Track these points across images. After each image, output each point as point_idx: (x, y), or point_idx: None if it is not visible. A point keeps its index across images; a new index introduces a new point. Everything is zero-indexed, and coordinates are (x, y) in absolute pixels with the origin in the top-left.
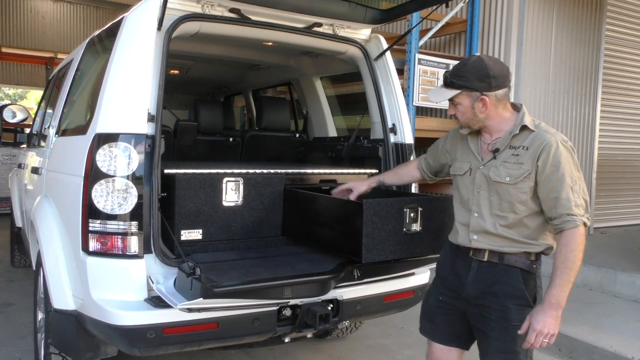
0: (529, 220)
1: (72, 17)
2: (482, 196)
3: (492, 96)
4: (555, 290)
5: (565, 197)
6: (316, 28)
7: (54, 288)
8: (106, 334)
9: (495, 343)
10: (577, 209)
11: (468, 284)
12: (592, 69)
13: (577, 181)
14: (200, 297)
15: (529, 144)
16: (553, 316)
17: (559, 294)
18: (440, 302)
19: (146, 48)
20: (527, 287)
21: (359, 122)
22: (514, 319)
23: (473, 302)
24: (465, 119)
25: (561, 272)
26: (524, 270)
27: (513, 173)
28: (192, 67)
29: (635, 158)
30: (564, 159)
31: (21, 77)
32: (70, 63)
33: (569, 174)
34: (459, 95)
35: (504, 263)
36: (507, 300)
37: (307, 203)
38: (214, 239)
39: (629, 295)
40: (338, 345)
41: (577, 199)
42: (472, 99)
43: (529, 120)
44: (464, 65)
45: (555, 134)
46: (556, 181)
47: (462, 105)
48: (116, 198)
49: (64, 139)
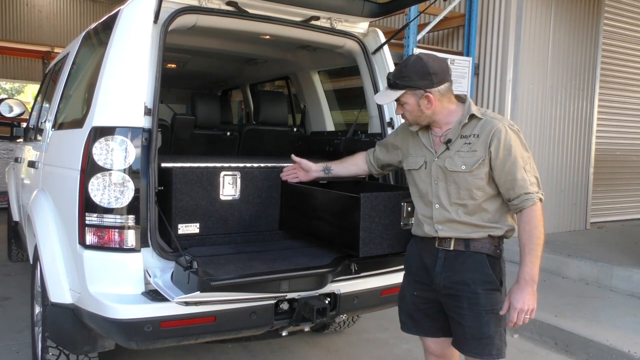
0: (488, 204)
1: (69, 11)
2: (440, 187)
3: (436, 92)
4: (528, 268)
5: (520, 177)
6: (314, 21)
7: (51, 282)
8: (103, 327)
9: (469, 330)
10: (532, 186)
11: (436, 274)
12: (590, 64)
13: (528, 161)
14: (198, 290)
15: (479, 132)
16: (530, 292)
17: (531, 271)
18: (416, 297)
19: (142, 41)
20: (494, 272)
21: (357, 116)
22: (485, 304)
23: (444, 292)
24: (413, 117)
25: (530, 249)
26: (490, 255)
27: (468, 161)
28: (189, 61)
29: (632, 153)
30: (514, 142)
31: (18, 71)
32: (67, 57)
33: (520, 156)
34: (404, 95)
35: (470, 250)
36: (477, 286)
37: (304, 197)
38: (211, 232)
39: (625, 289)
40: (335, 339)
41: (530, 178)
42: (416, 97)
43: (476, 109)
44: (404, 66)
45: (502, 119)
46: (511, 164)
47: (409, 104)
48: (113, 192)
49: (61, 132)
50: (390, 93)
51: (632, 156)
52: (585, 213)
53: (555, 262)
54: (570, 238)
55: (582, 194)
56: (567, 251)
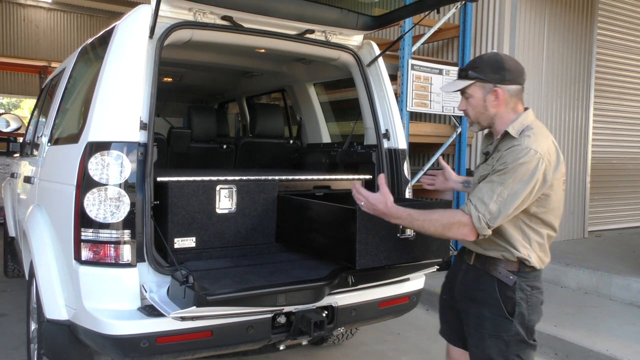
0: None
1: (66, 26)
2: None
3: (505, 90)
4: (400, 213)
5: (481, 186)
6: (308, 35)
7: (47, 298)
8: (99, 343)
9: (473, 350)
10: (477, 202)
11: (457, 284)
12: (584, 74)
13: (506, 189)
14: (194, 305)
15: (505, 148)
16: (381, 209)
17: (396, 215)
18: (444, 300)
19: (138, 56)
20: (502, 298)
21: (353, 128)
22: (489, 328)
23: (459, 305)
24: (475, 112)
25: (417, 217)
26: (500, 280)
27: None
28: (186, 75)
29: (628, 161)
30: (510, 160)
31: (15, 86)
32: (63, 72)
33: (502, 175)
34: (471, 87)
35: (484, 269)
36: (483, 308)
37: (300, 209)
38: (207, 246)
39: (625, 298)
40: (334, 352)
41: (484, 196)
42: (484, 91)
43: (516, 127)
44: (479, 58)
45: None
46: (490, 172)
47: (474, 97)
48: (109, 207)
49: (56, 147)
50: (458, 82)
51: (629, 164)
52: (583, 222)
53: (554, 272)
54: (568, 247)
55: (580, 203)
56: (565, 260)
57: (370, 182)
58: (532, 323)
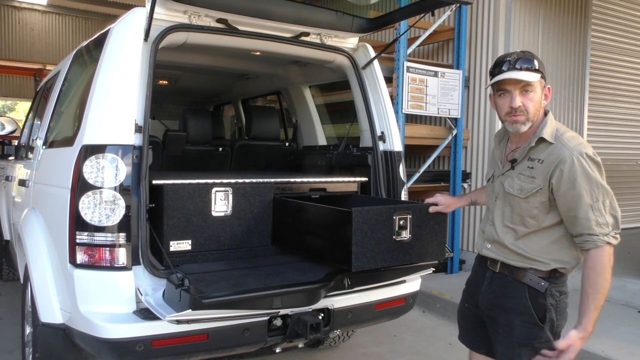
0: (539, 236)
1: (61, 29)
2: (497, 205)
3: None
4: (585, 318)
5: (583, 216)
6: (304, 37)
7: (42, 301)
8: (94, 347)
9: (501, 357)
10: (599, 227)
11: (482, 293)
12: (578, 76)
13: (600, 197)
14: (189, 308)
15: (545, 157)
16: (579, 339)
17: (592, 320)
18: (466, 309)
19: (133, 59)
20: (533, 305)
21: (348, 130)
22: (519, 335)
23: (486, 313)
24: (535, 109)
25: (592, 298)
26: (531, 287)
27: (525, 187)
28: (181, 77)
29: (623, 163)
30: (579, 176)
31: (10, 89)
32: (58, 74)
33: (587, 191)
34: (538, 82)
35: (512, 277)
36: (513, 315)
37: (296, 212)
38: (203, 249)
39: (620, 299)
40: (330, 354)
41: (598, 218)
42: (542, 87)
43: (549, 132)
44: (530, 53)
45: (576, 146)
46: (572, 199)
47: (537, 93)
48: (104, 210)
49: (51, 150)
50: (529, 74)
51: (623, 165)
52: None
53: None
54: None
55: None
56: None
57: (366, 184)
58: (559, 328)
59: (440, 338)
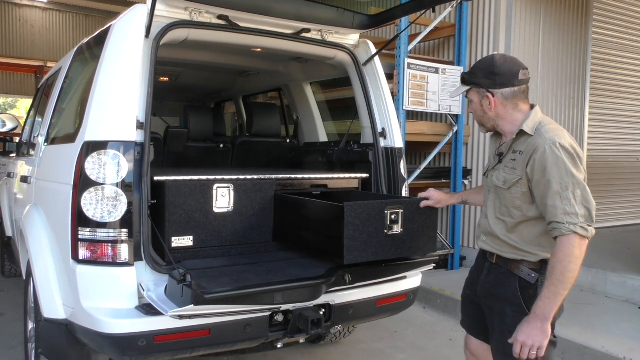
0: (526, 227)
1: (62, 26)
2: (490, 198)
3: (498, 94)
4: (542, 302)
5: (551, 204)
6: (305, 34)
7: (44, 297)
8: (97, 342)
9: (496, 344)
10: (567, 216)
11: (480, 282)
12: (579, 72)
13: (570, 187)
14: (191, 304)
15: (524, 149)
16: (537, 328)
17: (545, 306)
18: (467, 295)
19: (134, 56)
20: (523, 296)
21: (349, 127)
22: (511, 324)
23: (483, 302)
24: (477, 116)
25: (549, 284)
26: (522, 278)
27: (508, 178)
28: (182, 74)
29: (624, 159)
30: (550, 164)
31: (11, 86)
32: (59, 71)
33: (557, 180)
34: (470, 92)
35: (506, 268)
36: (505, 305)
37: (297, 208)
38: (205, 245)
39: (620, 295)
40: (331, 350)
41: (566, 206)
42: (480, 95)
43: (530, 125)
44: (478, 62)
45: (550, 138)
46: (544, 187)
47: (473, 102)
48: (106, 206)
49: (53, 147)
50: (459, 87)
51: (624, 162)
52: None
53: None
54: None
55: None
56: None
57: (367, 181)
58: (554, 320)
59: (441, 334)
